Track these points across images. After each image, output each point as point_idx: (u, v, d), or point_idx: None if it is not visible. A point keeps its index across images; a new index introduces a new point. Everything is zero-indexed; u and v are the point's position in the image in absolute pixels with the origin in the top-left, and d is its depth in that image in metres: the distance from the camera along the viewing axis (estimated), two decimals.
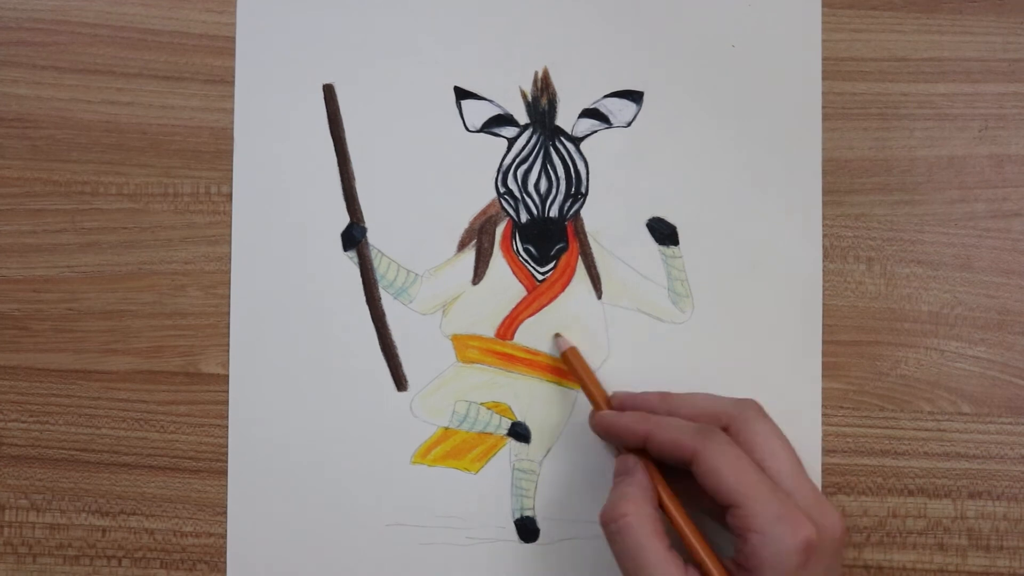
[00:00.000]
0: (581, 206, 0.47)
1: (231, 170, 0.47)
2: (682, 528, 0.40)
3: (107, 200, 0.47)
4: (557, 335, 0.46)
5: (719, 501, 0.39)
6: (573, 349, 0.46)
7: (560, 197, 0.47)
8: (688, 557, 0.40)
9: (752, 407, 0.42)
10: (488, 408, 0.47)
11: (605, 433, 0.43)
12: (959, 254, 0.46)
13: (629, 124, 0.47)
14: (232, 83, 0.47)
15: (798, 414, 0.46)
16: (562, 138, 0.47)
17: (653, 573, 0.38)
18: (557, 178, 0.47)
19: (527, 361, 0.47)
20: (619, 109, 0.47)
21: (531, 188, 0.47)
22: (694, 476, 0.40)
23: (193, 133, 0.47)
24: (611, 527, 0.40)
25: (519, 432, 0.47)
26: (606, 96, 0.47)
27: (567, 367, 0.46)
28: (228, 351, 0.47)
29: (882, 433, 0.46)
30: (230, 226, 0.47)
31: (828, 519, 0.39)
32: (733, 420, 0.41)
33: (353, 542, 0.46)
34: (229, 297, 0.47)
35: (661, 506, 0.41)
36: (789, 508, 0.38)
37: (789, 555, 0.37)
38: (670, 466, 0.41)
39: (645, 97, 0.47)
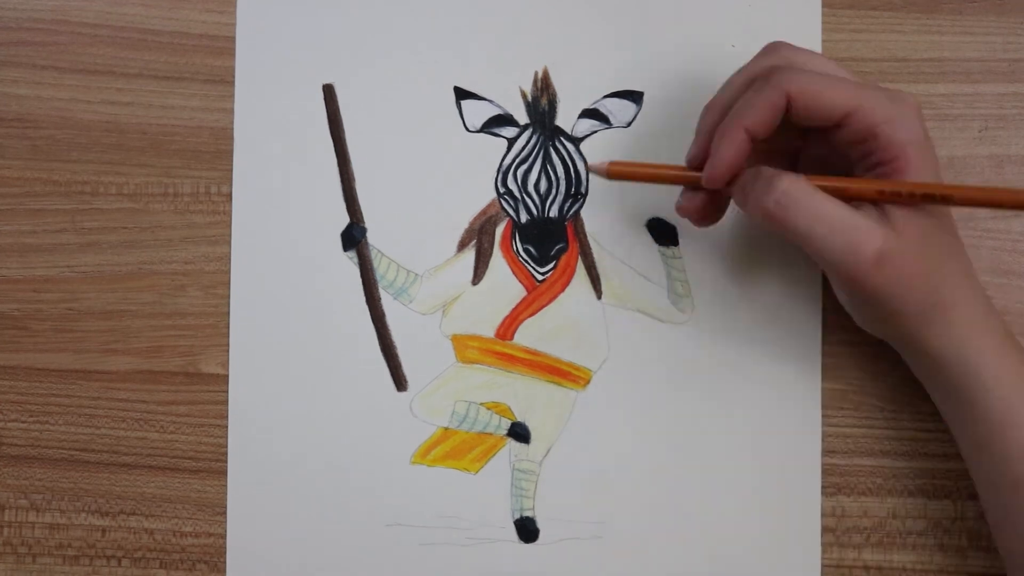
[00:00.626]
0: (581, 206, 0.47)
1: (231, 170, 0.47)
2: (815, 178, 0.39)
3: (107, 200, 0.47)
4: (589, 166, 0.44)
5: (831, 119, 0.39)
6: (614, 163, 0.42)
7: (560, 197, 0.47)
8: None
9: (783, 47, 0.41)
10: (488, 408, 0.47)
11: (715, 180, 0.40)
12: None
13: (629, 124, 0.47)
14: (232, 83, 0.47)
15: (798, 414, 0.46)
16: (562, 138, 0.47)
17: (846, 216, 0.38)
18: (557, 178, 0.47)
19: (527, 361, 0.47)
20: (619, 109, 0.47)
21: (531, 188, 0.47)
22: (795, 124, 0.39)
23: (193, 133, 0.47)
24: (783, 200, 0.38)
25: (519, 432, 0.47)
26: (606, 96, 0.47)
27: (625, 179, 0.43)
28: (228, 351, 0.47)
29: (882, 434, 0.46)
30: (230, 226, 0.47)
31: (905, 95, 0.39)
32: (776, 61, 0.40)
33: (353, 542, 0.46)
34: (229, 297, 0.47)
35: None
36: (891, 90, 0.39)
37: (916, 126, 0.39)
38: None
39: (645, 97, 0.47)
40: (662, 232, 0.47)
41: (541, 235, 0.47)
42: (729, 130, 0.39)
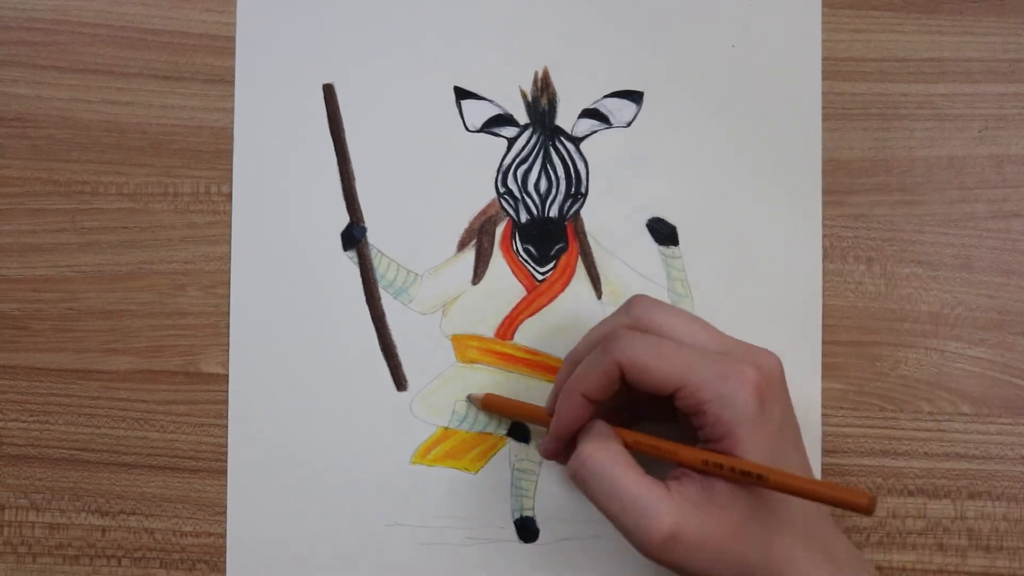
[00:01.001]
0: (581, 206, 0.47)
1: (231, 170, 0.47)
2: (649, 440, 0.39)
3: (107, 200, 0.47)
4: (468, 397, 0.46)
5: (663, 392, 0.38)
6: (488, 395, 0.46)
7: (560, 197, 0.47)
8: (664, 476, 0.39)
9: (637, 304, 0.41)
10: None
11: (559, 438, 0.41)
12: (959, 254, 0.46)
13: (629, 124, 0.47)
14: (232, 83, 0.47)
15: (798, 414, 0.46)
16: (562, 138, 0.47)
17: (637, 497, 0.37)
18: (557, 178, 0.47)
19: (527, 361, 0.47)
20: (619, 109, 0.47)
21: (531, 188, 0.47)
22: (632, 391, 0.39)
23: (193, 133, 0.47)
24: (581, 472, 0.38)
25: (519, 432, 0.47)
26: (606, 96, 0.47)
27: (496, 412, 0.46)
28: (228, 351, 0.47)
29: (882, 433, 0.46)
30: (230, 226, 0.47)
31: (764, 359, 0.39)
32: (627, 322, 0.40)
33: (353, 542, 0.46)
34: (229, 297, 0.47)
35: (626, 446, 0.39)
36: (726, 363, 0.37)
37: (747, 404, 0.37)
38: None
39: (645, 97, 0.47)
40: (662, 232, 0.47)
41: (541, 235, 0.47)
42: (567, 393, 0.40)
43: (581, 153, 0.47)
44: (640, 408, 0.43)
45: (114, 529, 0.47)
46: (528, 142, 0.47)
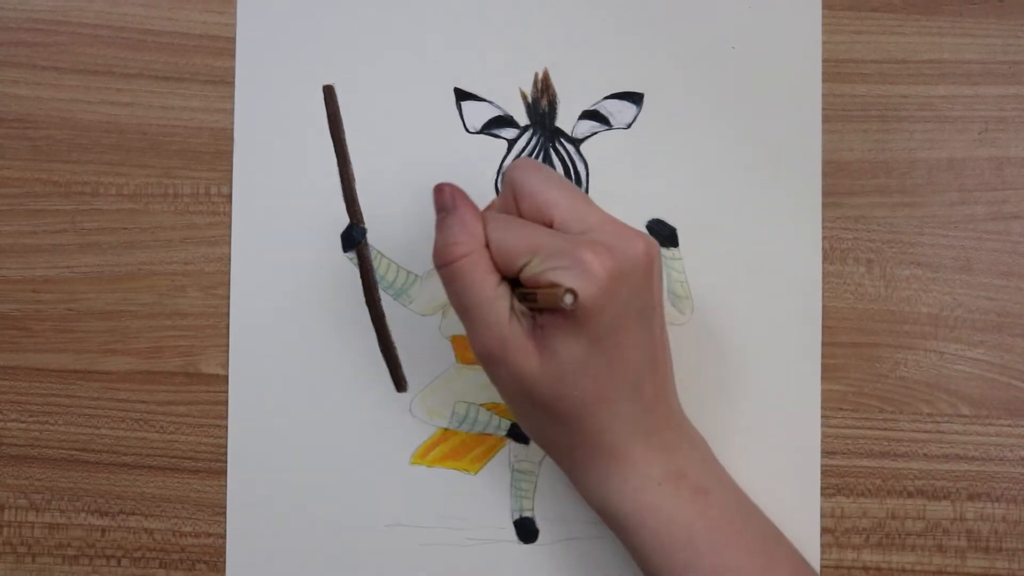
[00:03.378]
0: None
1: (231, 171, 0.47)
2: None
3: (107, 201, 0.47)
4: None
5: (512, 267, 0.38)
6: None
7: None
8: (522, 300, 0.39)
9: (516, 167, 0.40)
10: (487, 409, 0.47)
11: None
12: (959, 256, 0.46)
13: (629, 126, 0.47)
14: (232, 84, 0.47)
15: (797, 416, 0.46)
16: (562, 139, 0.47)
17: (485, 319, 0.38)
18: None
19: None
20: (619, 111, 0.47)
21: None
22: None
23: (193, 134, 0.47)
24: (444, 271, 0.39)
25: (518, 433, 0.47)
26: (606, 98, 0.47)
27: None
28: (228, 352, 0.47)
29: (881, 435, 0.46)
30: (230, 227, 0.47)
31: (625, 243, 0.38)
32: (512, 190, 0.40)
33: (352, 543, 0.47)
34: (229, 298, 0.47)
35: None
36: (580, 241, 0.37)
37: (591, 279, 0.36)
38: None
39: (645, 99, 0.47)
40: (662, 233, 0.47)
41: None
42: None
43: (581, 154, 0.47)
44: None
45: (114, 529, 0.47)
46: (528, 143, 0.47)
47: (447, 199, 0.40)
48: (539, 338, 0.38)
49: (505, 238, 0.38)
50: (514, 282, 0.39)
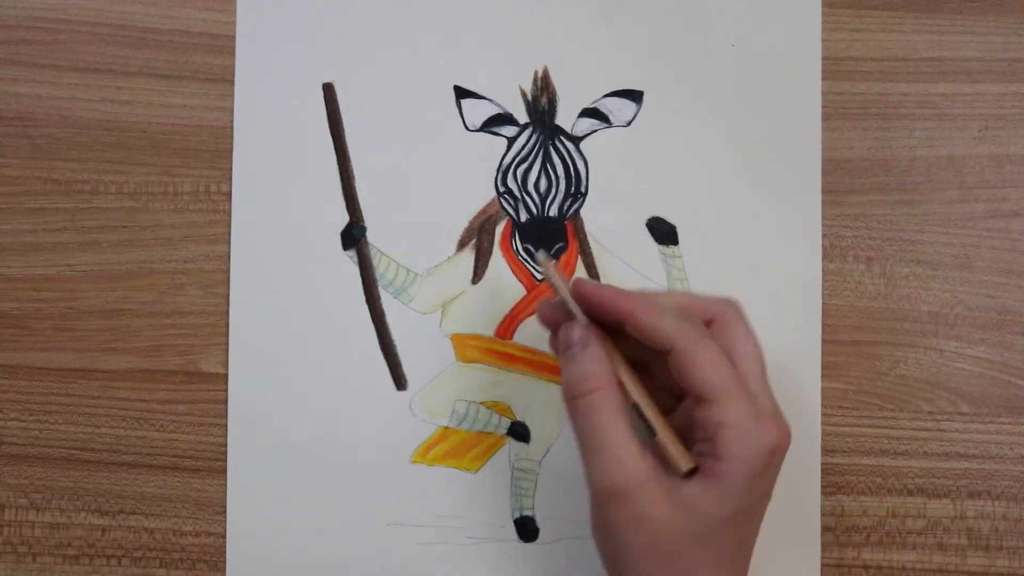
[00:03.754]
0: (581, 205, 0.47)
1: (231, 169, 0.47)
2: (645, 408, 0.39)
3: (107, 199, 0.47)
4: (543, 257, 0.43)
5: (693, 392, 0.37)
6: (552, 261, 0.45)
7: (560, 196, 0.47)
8: (645, 438, 0.38)
9: (734, 307, 0.40)
10: (488, 407, 0.47)
11: (583, 299, 0.39)
12: (958, 254, 0.46)
13: (629, 123, 0.47)
14: (232, 82, 0.47)
15: (798, 413, 0.46)
16: (562, 137, 0.47)
17: (615, 455, 0.37)
18: (557, 177, 0.47)
19: (527, 360, 0.47)
20: (619, 108, 0.47)
21: (531, 187, 0.47)
22: (667, 364, 0.38)
23: (193, 132, 0.47)
24: (577, 403, 0.38)
25: (519, 431, 0.47)
26: (606, 95, 0.47)
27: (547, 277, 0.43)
28: (227, 350, 0.47)
29: (881, 433, 0.46)
30: (229, 225, 0.47)
31: (784, 429, 0.38)
32: (716, 317, 0.40)
33: (352, 541, 0.46)
34: (228, 296, 0.47)
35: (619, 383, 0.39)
36: (761, 411, 0.37)
37: (758, 455, 0.37)
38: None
39: (645, 96, 0.47)
40: (662, 231, 0.47)
41: (541, 234, 0.47)
42: (614, 312, 0.39)
43: (581, 152, 0.47)
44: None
45: (114, 529, 0.47)
46: (528, 141, 0.47)
47: (577, 338, 0.39)
48: (669, 487, 0.37)
49: (708, 353, 0.37)
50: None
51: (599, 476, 0.38)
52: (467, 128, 0.47)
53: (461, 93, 0.47)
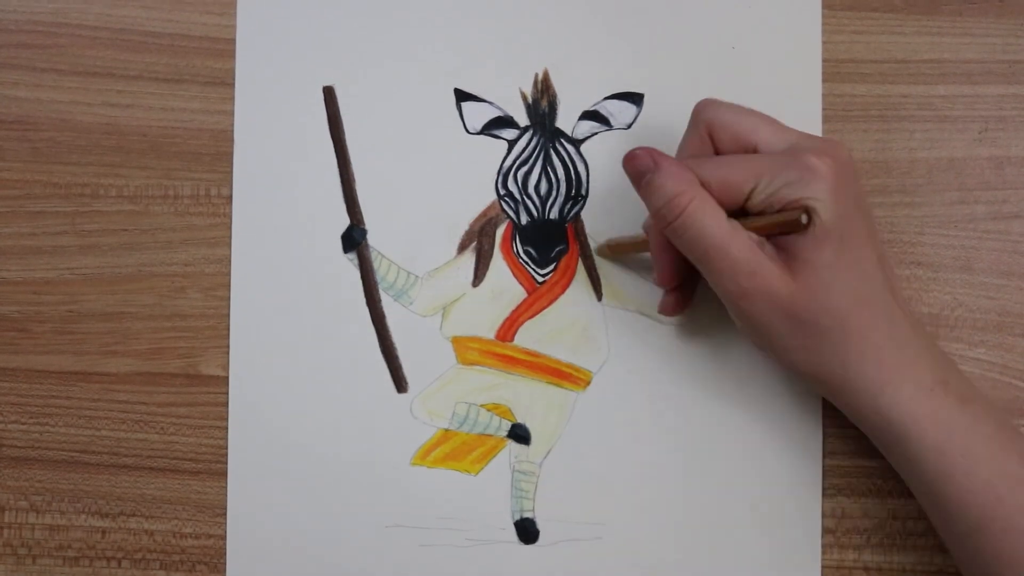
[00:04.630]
0: (581, 208, 0.47)
1: (231, 172, 0.47)
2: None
3: (107, 202, 0.47)
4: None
5: (741, 202, 0.39)
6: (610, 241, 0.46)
7: (560, 199, 0.47)
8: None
9: (704, 107, 0.42)
10: (488, 410, 0.47)
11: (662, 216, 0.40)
12: (959, 256, 0.46)
13: (629, 126, 0.47)
14: (232, 85, 0.47)
15: (798, 416, 0.46)
16: (562, 140, 0.47)
17: (732, 256, 0.39)
18: (557, 180, 0.47)
19: (527, 363, 0.47)
20: (619, 111, 0.47)
21: (531, 190, 0.47)
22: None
23: (193, 135, 0.47)
24: (676, 225, 0.39)
25: (519, 434, 0.47)
26: (606, 98, 0.47)
27: (619, 252, 0.46)
28: (228, 353, 0.47)
29: None
30: (230, 228, 0.47)
31: (834, 148, 0.39)
32: (707, 127, 0.41)
33: (353, 544, 0.47)
34: (229, 299, 0.47)
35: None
36: (793, 157, 0.39)
37: (821, 187, 0.38)
38: None
39: (645, 99, 0.47)
40: None
41: (541, 237, 0.47)
42: (669, 163, 0.40)
43: (581, 155, 0.47)
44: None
45: (114, 531, 0.47)
46: (528, 144, 0.47)
47: (647, 162, 0.40)
48: (785, 259, 0.39)
49: (727, 173, 0.39)
50: (738, 213, 0.40)
51: (726, 282, 0.39)
52: (467, 131, 0.47)
53: (461, 96, 0.47)
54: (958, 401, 0.39)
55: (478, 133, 0.47)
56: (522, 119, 0.47)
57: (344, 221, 0.47)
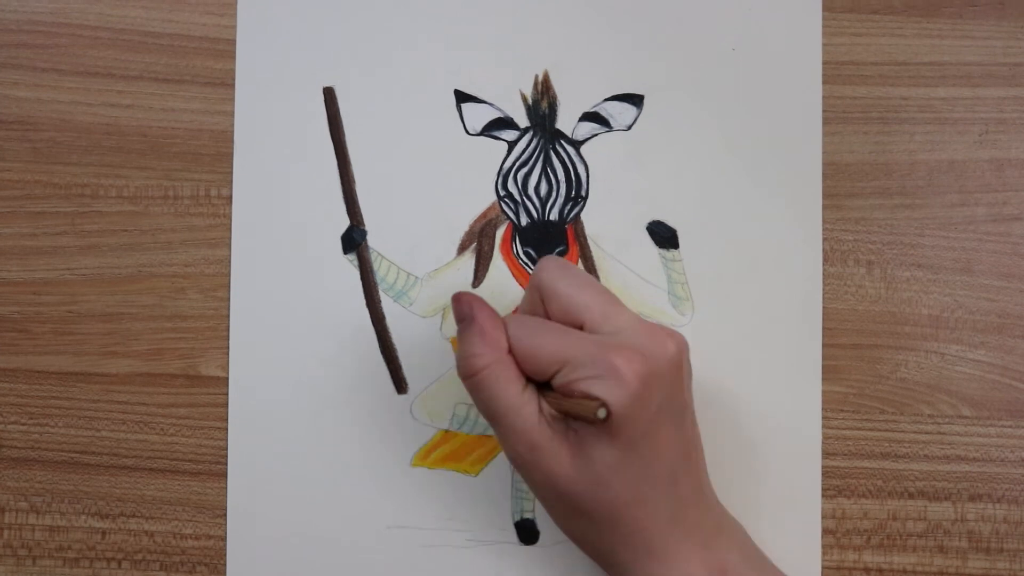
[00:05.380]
0: (581, 209, 0.47)
1: (231, 173, 0.47)
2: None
3: (107, 203, 0.47)
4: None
5: (544, 375, 0.38)
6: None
7: (560, 200, 0.47)
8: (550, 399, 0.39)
9: (544, 270, 0.40)
10: None
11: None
12: (959, 258, 0.46)
13: (629, 127, 0.47)
14: (233, 86, 0.47)
15: (798, 417, 0.46)
16: (562, 141, 0.47)
17: (511, 421, 0.38)
18: (557, 181, 0.47)
19: None
20: (619, 112, 0.47)
21: (531, 191, 0.47)
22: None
23: (193, 136, 0.47)
24: (467, 383, 0.39)
25: None
26: (606, 99, 0.47)
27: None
28: (228, 354, 0.47)
29: (882, 436, 0.46)
30: (230, 229, 0.47)
31: (654, 344, 0.38)
32: (540, 292, 0.40)
33: (353, 545, 0.47)
34: (229, 300, 0.47)
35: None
36: (607, 346, 0.37)
37: (617, 390, 0.36)
38: None
39: (646, 100, 0.47)
40: (662, 235, 0.47)
41: (541, 238, 0.47)
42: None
43: (581, 156, 0.47)
44: None
45: (114, 532, 0.47)
46: (528, 145, 0.47)
47: (465, 309, 0.40)
48: (572, 442, 0.38)
49: (533, 346, 0.38)
50: (544, 384, 0.39)
51: (508, 448, 0.39)
52: (467, 132, 0.47)
53: (461, 97, 0.47)
54: None
55: (478, 134, 0.47)
56: (522, 120, 0.47)
57: (344, 222, 0.47)
